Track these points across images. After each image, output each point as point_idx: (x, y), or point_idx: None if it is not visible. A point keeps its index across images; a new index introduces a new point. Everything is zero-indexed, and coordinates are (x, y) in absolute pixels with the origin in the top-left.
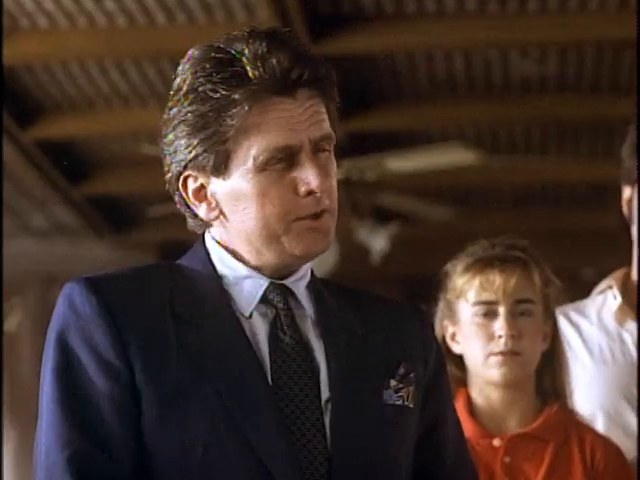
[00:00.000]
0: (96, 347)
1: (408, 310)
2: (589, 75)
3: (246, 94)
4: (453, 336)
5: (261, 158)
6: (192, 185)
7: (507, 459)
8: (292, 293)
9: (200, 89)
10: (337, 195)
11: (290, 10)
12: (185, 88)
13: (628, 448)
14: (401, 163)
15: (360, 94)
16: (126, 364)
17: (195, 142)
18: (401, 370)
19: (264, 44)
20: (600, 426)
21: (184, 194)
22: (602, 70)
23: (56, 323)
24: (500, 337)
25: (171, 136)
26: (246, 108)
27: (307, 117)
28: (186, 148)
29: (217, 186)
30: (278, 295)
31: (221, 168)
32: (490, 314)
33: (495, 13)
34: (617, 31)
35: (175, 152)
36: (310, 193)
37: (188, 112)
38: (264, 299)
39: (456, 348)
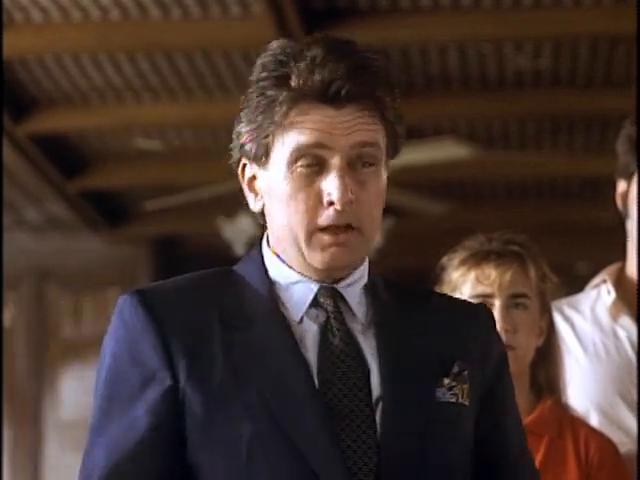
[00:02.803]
0: (142, 359)
1: (471, 308)
2: (583, 69)
3: (288, 97)
4: None
5: (294, 155)
6: (247, 173)
7: None
8: (342, 296)
9: (260, 83)
10: (378, 214)
11: (284, 5)
12: (253, 79)
13: (622, 442)
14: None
15: None
16: (172, 373)
17: (246, 130)
18: (455, 368)
19: (317, 52)
20: (594, 421)
21: (242, 181)
22: (596, 64)
23: (108, 336)
24: None
25: (236, 122)
26: (285, 109)
27: (348, 125)
28: (242, 134)
29: (262, 177)
30: (329, 298)
31: (262, 159)
32: None
33: (489, 7)
34: (611, 25)
35: (237, 135)
36: (331, 204)
37: (249, 100)
38: (315, 303)
39: None
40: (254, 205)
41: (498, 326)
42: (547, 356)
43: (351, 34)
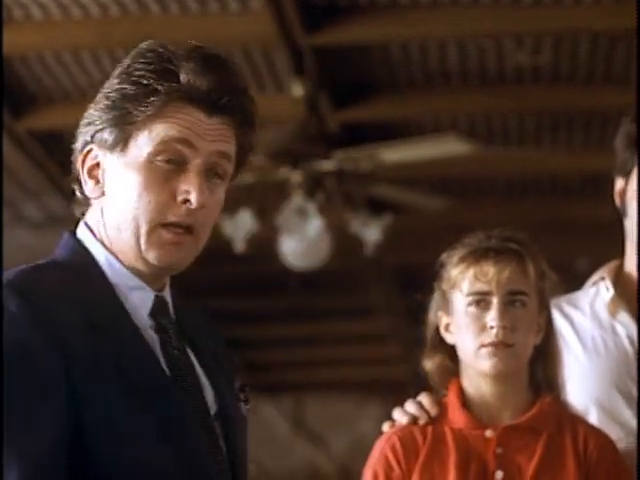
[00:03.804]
0: (36, 360)
1: (199, 313)
2: (583, 66)
3: (169, 90)
4: (447, 327)
5: (159, 147)
6: (90, 160)
7: (499, 450)
8: (166, 304)
9: (134, 73)
10: (211, 226)
11: (283, 0)
12: (120, 69)
13: (621, 439)
14: (395, 154)
15: (354, 84)
16: (66, 375)
17: (108, 117)
18: (237, 383)
19: (203, 61)
20: (593, 417)
21: (80, 167)
22: (596, 61)
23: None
24: (492, 328)
25: (91, 109)
26: (164, 100)
27: (215, 132)
28: (98, 120)
29: (110, 163)
30: (162, 307)
31: (120, 145)
32: (483, 305)
33: (489, 3)
34: (611, 22)
35: (88, 123)
36: (186, 202)
37: (114, 89)
38: (152, 312)
39: (449, 339)
40: (92, 192)
41: (496, 324)
42: (545, 353)
43: (351, 29)
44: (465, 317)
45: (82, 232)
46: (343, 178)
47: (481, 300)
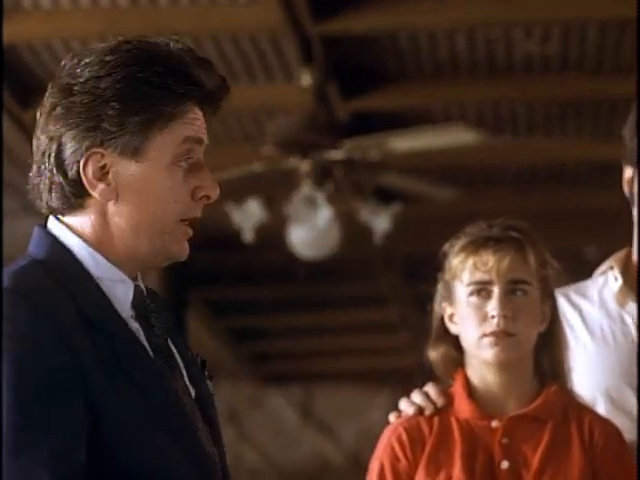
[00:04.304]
0: (53, 358)
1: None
2: (592, 54)
3: (186, 92)
4: (451, 317)
5: (182, 147)
6: (95, 163)
7: (505, 440)
8: (143, 292)
9: (146, 76)
10: None
11: None
12: (124, 72)
13: (629, 429)
14: (404, 143)
15: (363, 74)
16: (80, 374)
17: (117, 119)
18: (200, 361)
19: (206, 63)
20: (601, 408)
21: (82, 170)
22: (605, 49)
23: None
24: (493, 317)
25: (97, 109)
26: (184, 102)
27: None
28: (114, 126)
29: (123, 166)
30: (141, 297)
31: (137, 151)
32: (484, 294)
33: None
34: (620, 10)
35: (92, 128)
36: (204, 198)
37: (125, 93)
38: (133, 302)
39: (453, 329)
40: (104, 195)
41: (497, 313)
42: (551, 341)
43: (359, 19)
44: (467, 307)
45: (57, 228)
46: (352, 167)
47: (482, 289)
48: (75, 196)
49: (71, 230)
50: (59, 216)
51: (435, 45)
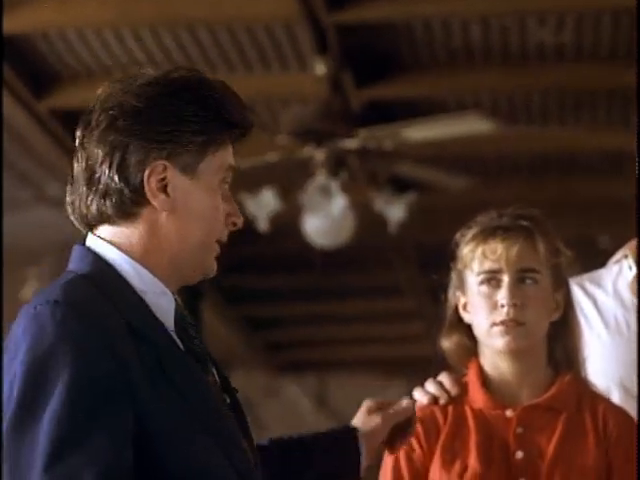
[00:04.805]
0: (105, 369)
1: None
2: (606, 43)
3: (234, 127)
4: (464, 306)
5: (225, 172)
6: (158, 175)
7: (519, 430)
8: (180, 306)
9: (207, 102)
10: None
11: None
12: (188, 94)
13: None
14: (418, 132)
15: (377, 62)
16: (130, 388)
17: (188, 139)
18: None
19: (236, 95)
20: (615, 396)
21: (146, 179)
22: (619, 38)
23: (55, 345)
24: (503, 306)
25: (168, 126)
26: (230, 130)
27: None
28: (185, 141)
29: (180, 182)
30: (179, 309)
31: (193, 169)
32: (494, 283)
33: None
34: None
35: (166, 141)
36: (234, 225)
37: (192, 112)
38: (175, 314)
39: (467, 318)
40: (164, 205)
41: (506, 302)
42: (564, 330)
43: (374, 7)
44: (477, 296)
45: (97, 244)
46: (366, 156)
47: (492, 278)
48: (132, 203)
49: (112, 244)
50: (98, 231)
51: (449, 34)
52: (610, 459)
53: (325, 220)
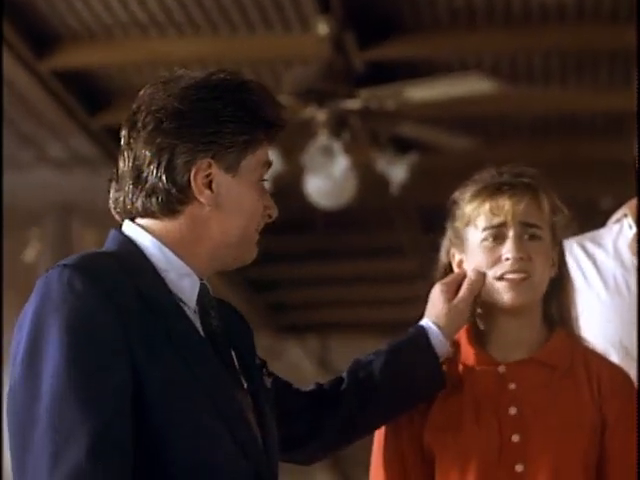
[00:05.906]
0: (104, 331)
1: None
2: (608, 3)
3: (269, 120)
4: (460, 264)
5: (264, 169)
6: (204, 170)
7: (512, 386)
8: (208, 290)
9: (247, 103)
10: None
11: None
12: (230, 96)
13: None
14: (420, 92)
15: (380, 23)
16: (129, 348)
17: (236, 141)
18: (257, 360)
19: (276, 99)
20: (615, 356)
21: (193, 177)
22: None
23: (51, 309)
24: (507, 260)
25: (213, 127)
26: (275, 129)
27: None
28: (228, 142)
29: (224, 179)
30: (206, 293)
31: (235, 167)
32: (499, 238)
33: None
34: None
35: (210, 142)
36: (267, 217)
37: (235, 113)
38: (198, 296)
39: None
40: (209, 201)
41: (512, 255)
42: (559, 288)
43: None
44: (480, 252)
45: (131, 229)
46: (368, 117)
47: (497, 234)
48: (177, 202)
49: (146, 230)
50: (137, 221)
51: None
52: (604, 414)
53: (327, 181)
